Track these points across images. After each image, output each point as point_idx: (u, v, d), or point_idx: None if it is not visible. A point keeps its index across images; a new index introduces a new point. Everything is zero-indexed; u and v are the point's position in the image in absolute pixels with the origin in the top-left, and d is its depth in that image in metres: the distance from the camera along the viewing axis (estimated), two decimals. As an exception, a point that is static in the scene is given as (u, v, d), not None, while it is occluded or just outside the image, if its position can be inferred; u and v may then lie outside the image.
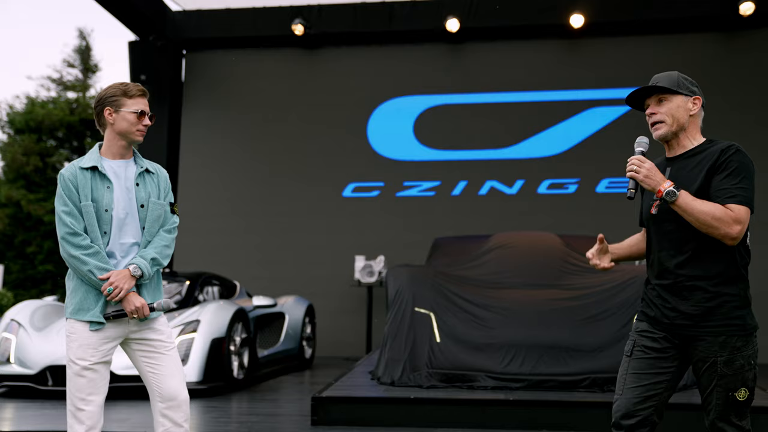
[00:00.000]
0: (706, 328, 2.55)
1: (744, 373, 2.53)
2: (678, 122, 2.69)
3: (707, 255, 2.57)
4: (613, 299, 5.79)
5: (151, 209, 3.05)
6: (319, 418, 5.00)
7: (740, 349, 2.53)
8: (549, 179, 10.43)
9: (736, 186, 2.52)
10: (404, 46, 10.94)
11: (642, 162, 2.60)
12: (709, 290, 2.56)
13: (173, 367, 3.03)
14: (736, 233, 2.49)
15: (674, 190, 2.51)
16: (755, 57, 10.16)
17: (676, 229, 2.61)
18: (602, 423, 4.74)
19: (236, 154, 11.11)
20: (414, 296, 5.97)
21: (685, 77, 2.74)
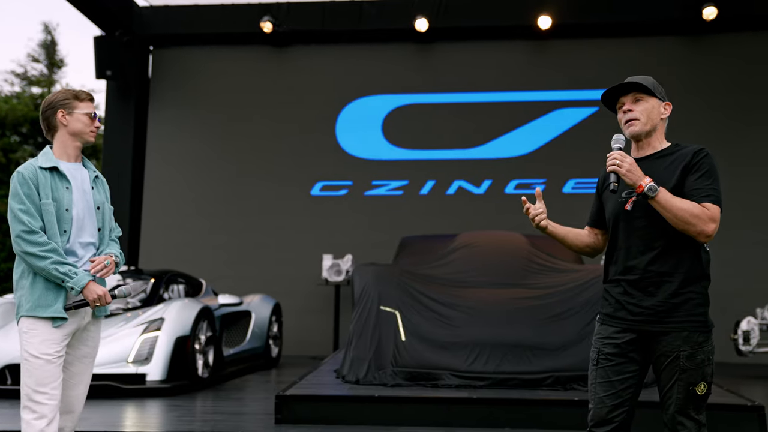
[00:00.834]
0: (670, 323, 2.62)
1: (704, 368, 2.60)
2: (651, 122, 2.77)
3: (675, 252, 2.64)
4: (577, 298, 5.85)
5: (106, 212, 3.25)
6: (283, 417, 4.98)
7: (701, 345, 2.61)
8: (516, 179, 10.52)
9: (709, 186, 2.62)
10: (373, 45, 10.95)
11: (624, 157, 2.67)
12: (675, 287, 2.63)
13: (85, 377, 3.15)
14: (711, 231, 2.57)
15: (655, 185, 2.57)
16: (718, 60, 10.35)
17: (647, 226, 2.66)
18: (564, 420, 4.82)
19: (203, 152, 11.02)
20: (379, 295, 5.99)
21: (659, 83, 2.85)
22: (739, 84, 10.26)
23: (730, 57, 10.32)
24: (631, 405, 2.70)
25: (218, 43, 11.13)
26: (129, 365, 6.17)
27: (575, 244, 2.96)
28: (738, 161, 9.83)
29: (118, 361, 6.17)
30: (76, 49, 37.75)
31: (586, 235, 2.96)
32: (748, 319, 8.16)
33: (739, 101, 10.23)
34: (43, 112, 3.13)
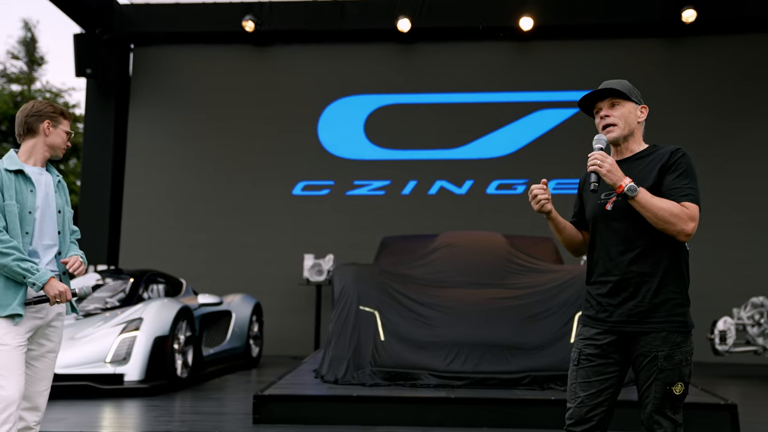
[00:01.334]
0: (649, 324, 2.63)
1: (682, 369, 2.62)
2: (629, 127, 2.79)
3: (656, 252, 2.65)
4: (555, 299, 5.88)
5: (66, 215, 3.33)
6: (261, 417, 4.97)
7: (680, 345, 2.62)
8: (498, 180, 10.56)
9: (687, 186, 2.63)
10: (356, 44, 10.95)
11: (605, 157, 2.67)
12: (655, 287, 2.64)
13: (48, 372, 3.24)
14: (690, 230, 2.58)
15: (635, 185, 2.59)
16: (697, 62, 10.46)
17: (628, 226, 2.67)
18: (541, 419, 4.85)
19: (184, 151, 10.97)
20: (359, 294, 5.99)
21: (634, 86, 2.86)
22: (718, 85, 10.37)
23: (708, 59, 10.43)
24: (609, 405, 2.72)
25: (200, 42, 11.09)
26: (107, 365, 6.13)
27: (570, 239, 2.94)
28: (716, 162, 9.93)
29: (95, 361, 6.13)
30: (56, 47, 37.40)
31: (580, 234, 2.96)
32: (724, 319, 8.24)
33: (718, 102, 10.34)
34: (28, 116, 3.25)
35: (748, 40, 10.39)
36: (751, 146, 10.19)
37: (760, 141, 10.18)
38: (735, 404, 4.76)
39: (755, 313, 8.18)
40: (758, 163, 10.13)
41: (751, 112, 10.25)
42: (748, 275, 9.54)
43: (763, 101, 10.25)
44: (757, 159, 10.14)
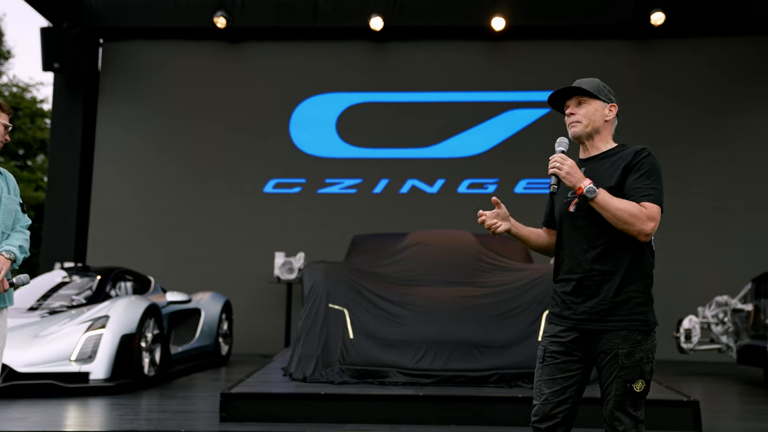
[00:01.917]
0: (611, 322, 2.66)
1: (642, 366, 2.64)
2: (593, 125, 2.82)
3: (617, 250, 2.68)
4: (523, 297, 5.92)
5: (5, 204, 3.36)
6: (228, 415, 4.94)
7: (640, 343, 2.64)
8: (469, 179, 10.61)
9: (649, 186, 2.65)
10: (328, 42, 10.93)
11: (564, 159, 2.70)
12: (617, 285, 2.66)
13: None
14: (650, 230, 2.61)
15: (594, 187, 2.62)
16: (665, 65, 10.60)
17: (590, 225, 2.70)
18: (509, 417, 4.89)
19: (155, 147, 10.86)
20: (328, 292, 5.98)
21: (605, 85, 2.88)
22: (685, 87, 10.53)
23: (676, 61, 10.59)
24: (574, 402, 2.75)
25: (171, 38, 10.99)
26: (72, 363, 6.05)
27: (537, 244, 2.98)
28: (682, 165, 10.07)
29: (60, 359, 6.05)
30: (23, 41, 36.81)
31: (545, 235, 2.99)
32: (689, 317, 8.37)
33: (685, 105, 10.49)
34: None
35: (714, 43, 10.56)
36: (716, 147, 10.35)
37: (725, 142, 10.35)
38: (697, 401, 4.83)
39: (719, 311, 8.31)
40: (723, 165, 10.30)
41: (718, 114, 10.42)
42: (713, 275, 9.69)
43: (730, 103, 10.43)
44: (722, 160, 10.31)
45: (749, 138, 10.35)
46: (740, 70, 10.50)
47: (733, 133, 10.37)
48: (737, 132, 10.37)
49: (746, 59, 10.51)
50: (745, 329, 7.89)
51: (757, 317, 7.62)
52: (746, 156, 10.30)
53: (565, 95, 2.87)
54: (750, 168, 10.27)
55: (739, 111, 10.42)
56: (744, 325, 7.91)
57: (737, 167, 10.28)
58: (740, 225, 10.12)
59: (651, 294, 2.74)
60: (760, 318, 7.57)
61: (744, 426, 5.38)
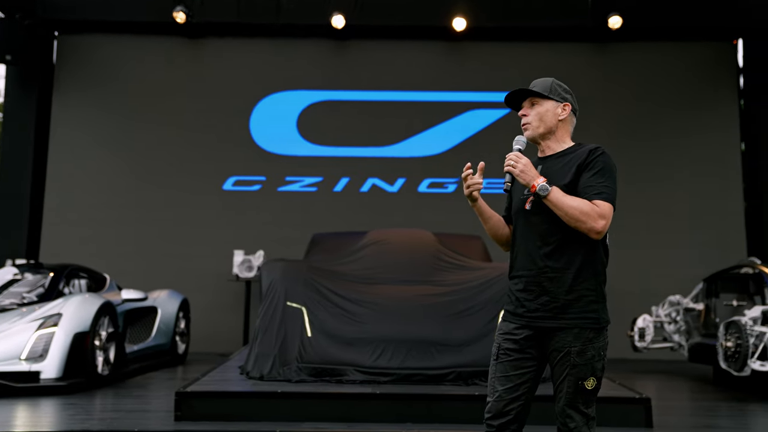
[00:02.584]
0: (563, 320, 2.68)
1: (594, 364, 2.67)
2: (545, 125, 2.84)
3: (571, 248, 2.70)
4: (481, 295, 5.95)
5: None
6: (183, 414, 4.88)
7: (592, 341, 2.67)
8: (430, 178, 10.65)
9: (601, 184, 2.67)
10: (290, 40, 10.87)
11: (519, 158, 2.73)
12: (568, 284, 2.68)
13: None
14: (601, 227, 2.62)
15: (547, 185, 2.64)
16: (622, 68, 10.78)
17: (544, 222, 2.72)
18: (465, 415, 4.91)
19: (111, 143, 10.67)
20: (286, 290, 5.95)
21: (559, 84, 2.89)
22: (641, 90, 10.72)
23: (633, 64, 10.78)
24: (527, 399, 2.77)
25: (129, 32, 10.80)
26: (22, 362, 5.93)
27: (496, 228, 2.98)
28: (637, 166, 10.26)
29: (9, 358, 5.92)
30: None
31: (504, 225, 3.00)
32: (644, 316, 8.52)
33: (641, 107, 10.68)
34: None
35: (671, 48, 10.78)
36: (671, 149, 10.56)
37: (678, 146, 10.56)
38: (649, 398, 4.93)
39: (672, 310, 8.48)
40: (678, 166, 10.51)
41: (673, 117, 10.63)
42: (666, 274, 9.88)
43: (685, 106, 10.65)
44: (676, 162, 10.52)
45: (703, 141, 10.59)
46: (696, 74, 10.73)
47: (688, 135, 10.59)
48: (692, 134, 10.59)
49: (702, 63, 10.75)
50: (696, 328, 8.07)
51: (708, 316, 7.80)
52: (700, 158, 10.53)
53: (522, 97, 2.90)
54: (703, 169, 10.50)
55: (694, 114, 10.64)
56: (695, 324, 8.09)
57: (692, 169, 10.50)
58: (693, 226, 10.34)
59: (603, 292, 2.77)
60: (710, 317, 7.75)
61: (694, 422, 5.50)
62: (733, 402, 6.37)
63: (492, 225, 2.97)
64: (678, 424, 5.30)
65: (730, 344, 6.52)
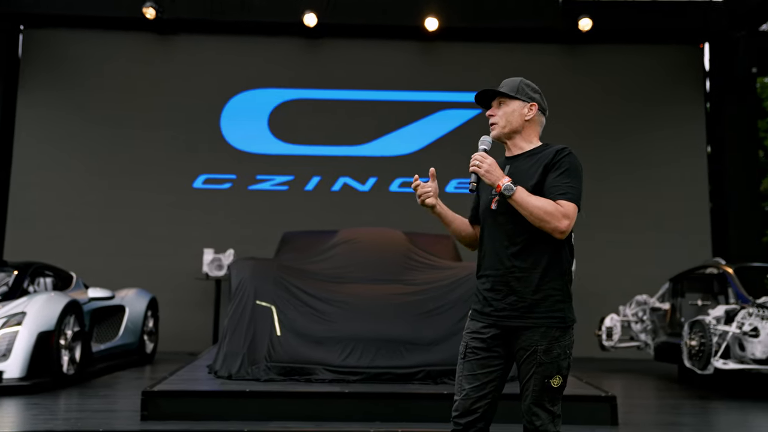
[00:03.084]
0: (530, 319, 2.69)
1: (560, 362, 2.68)
2: (511, 125, 2.85)
3: (537, 248, 2.71)
4: (450, 294, 5.97)
5: None
6: (149, 413, 4.83)
7: (558, 340, 2.68)
8: (401, 177, 10.67)
9: (567, 184, 2.68)
10: (261, 37, 10.82)
11: (484, 158, 2.73)
12: (535, 283, 2.70)
13: None
14: (564, 227, 2.63)
15: (511, 185, 2.65)
16: (592, 70, 10.90)
17: (511, 222, 2.73)
18: (433, 413, 4.92)
19: (79, 140, 10.52)
20: (256, 289, 5.91)
21: (527, 84, 2.90)
22: (611, 91, 10.85)
23: (602, 66, 10.91)
24: (494, 398, 2.78)
25: (97, 27, 10.67)
26: (-16, 362, 5.81)
27: (460, 230, 2.99)
28: (605, 167, 10.38)
29: (-28, 357, 5.80)
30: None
31: (469, 227, 3.01)
32: (611, 316, 8.62)
33: (610, 108, 10.82)
34: None
35: (640, 50, 10.92)
36: (637, 152, 10.70)
37: (645, 147, 10.71)
38: (614, 396, 4.99)
39: (639, 310, 8.59)
40: (646, 168, 10.65)
41: (641, 119, 10.77)
42: (634, 274, 10.01)
43: (653, 107, 10.80)
44: (644, 164, 10.66)
45: (670, 143, 10.74)
46: (663, 77, 10.88)
47: (655, 137, 10.74)
48: (659, 136, 10.74)
49: (669, 66, 10.90)
50: (662, 327, 8.19)
51: (674, 316, 7.92)
52: (667, 159, 10.69)
53: (491, 97, 2.92)
54: (670, 171, 10.66)
55: (662, 116, 10.80)
56: (661, 323, 8.21)
57: (658, 170, 10.65)
58: (660, 227, 10.49)
59: (569, 291, 2.79)
60: (676, 316, 7.87)
61: (658, 419, 5.57)
62: (696, 400, 6.47)
63: (455, 227, 2.99)
64: (643, 421, 5.37)
65: (694, 343, 6.63)
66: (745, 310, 6.55)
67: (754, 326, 6.37)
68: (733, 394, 6.78)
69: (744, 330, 6.37)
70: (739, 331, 6.39)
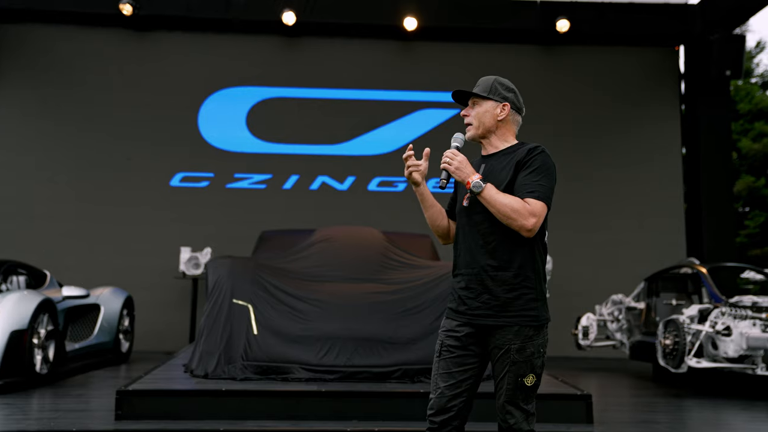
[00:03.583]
0: (504, 318, 2.70)
1: (533, 361, 2.70)
2: (484, 125, 2.87)
3: (511, 247, 2.73)
4: (428, 294, 5.98)
5: None
6: (123, 413, 4.78)
7: (532, 338, 2.70)
8: (379, 177, 10.67)
9: (536, 182, 2.69)
10: (240, 35, 10.77)
11: (455, 155, 2.75)
12: (508, 282, 2.71)
13: None
14: (531, 225, 2.64)
15: (481, 182, 2.66)
16: (570, 71, 10.98)
17: (484, 221, 2.75)
18: (410, 412, 4.92)
19: (56, 136, 10.41)
20: (233, 288, 5.88)
21: (501, 83, 2.91)
22: (587, 92, 10.94)
23: (579, 67, 10.99)
24: (469, 396, 2.79)
25: (74, 23, 10.55)
26: (-44, 361, 5.73)
27: (435, 220, 2.99)
28: (581, 167, 10.47)
29: (-57, 356, 5.71)
30: None
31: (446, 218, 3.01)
32: (587, 315, 8.69)
33: (586, 109, 10.91)
34: None
35: (616, 52, 11.02)
36: (613, 153, 10.81)
37: (622, 149, 10.81)
38: (590, 394, 5.02)
39: (615, 309, 8.67)
40: (621, 168, 10.76)
41: (616, 121, 10.88)
42: (610, 274, 10.11)
43: (630, 109, 10.91)
44: (620, 164, 10.77)
45: (646, 144, 10.86)
46: (640, 79, 10.99)
47: (631, 138, 10.85)
48: (635, 138, 10.85)
49: (645, 69, 11.02)
50: (637, 326, 8.26)
51: (649, 315, 8.00)
52: (643, 160, 10.80)
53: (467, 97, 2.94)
54: (646, 172, 10.77)
55: (638, 117, 10.91)
56: (636, 323, 8.29)
57: (634, 171, 10.76)
58: (636, 227, 10.59)
59: (543, 290, 2.80)
60: (651, 315, 7.95)
61: (633, 417, 5.63)
62: (670, 398, 6.55)
63: (432, 214, 2.98)
64: (617, 419, 5.42)
65: (669, 342, 6.70)
66: (718, 309, 6.63)
67: (727, 325, 6.45)
68: (706, 392, 6.87)
69: (717, 329, 6.45)
70: (712, 330, 6.47)
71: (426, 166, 2.89)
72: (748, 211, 20.07)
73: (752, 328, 6.39)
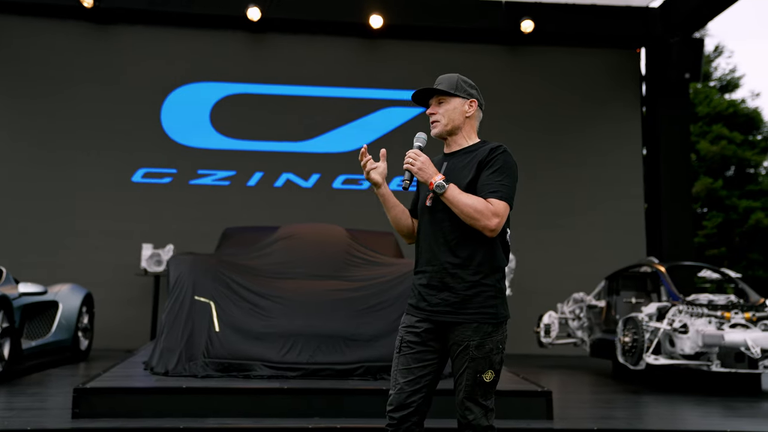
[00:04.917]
0: (463, 315, 2.72)
1: (492, 357, 2.72)
2: (453, 122, 2.88)
3: (471, 245, 2.74)
4: (391, 291, 5.98)
5: None
6: (81, 411, 4.70)
7: (490, 335, 2.72)
8: (344, 174, 10.66)
9: (499, 182, 2.71)
10: (204, 30, 10.66)
11: (418, 155, 2.76)
12: (468, 279, 2.73)
13: None
14: (494, 225, 2.67)
15: (443, 183, 2.67)
16: (533, 70, 11.09)
17: (445, 219, 2.76)
18: (372, 409, 4.93)
19: (13, 130, 10.19)
20: (194, 284, 5.82)
21: (464, 80, 2.92)
22: (549, 93, 11.06)
23: (543, 67, 11.11)
24: (428, 392, 2.80)
25: (33, 14, 10.34)
26: None
27: (398, 221, 2.99)
28: (543, 166, 10.58)
29: None
30: None
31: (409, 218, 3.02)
32: (549, 313, 8.79)
33: (549, 109, 11.02)
34: None
35: (580, 53, 11.16)
36: (575, 153, 10.94)
37: (583, 148, 10.96)
38: (550, 391, 5.08)
39: (576, 307, 8.78)
40: (583, 168, 10.90)
41: (578, 121, 11.02)
42: (571, 272, 10.23)
43: (592, 108, 11.06)
44: (581, 164, 10.91)
45: (607, 144, 11.02)
46: (602, 80, 11.15)
47: (593, 138, 11.00)
48: (596, 138, 11.01)
49: (607, 70, 11.18)
50: (597, 324, 8.38)
51: (609, 313, 8.12)
52: (604, 161, 10.96)
53: (429, 95, 2.93)
54: (607, 172, 10.93)
55: (600, 118, 11.07)
56: (597, 321, 8.41)
57: (595, 171, 10.91)
58: (596, 226, 10.74)
59: (503, 287, 2.83)
60: (611, 314, 8.06)
61: (592, 413, 5.70)
62: (629, 394, 6.65)
63: (395, 214, 2.99)
64: (577, 415, 5.48)
65: (628, 339, 6.81)
66: (676, 307, 6.76)
67: (684, 323, 6.58)
68: (663, 388, 7.00)
69: (674, 327, 6.57)
70: (670, 328, 6.60)
71: (384, 166, 2.91)
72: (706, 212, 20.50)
73: (708, 326, 6.53)
